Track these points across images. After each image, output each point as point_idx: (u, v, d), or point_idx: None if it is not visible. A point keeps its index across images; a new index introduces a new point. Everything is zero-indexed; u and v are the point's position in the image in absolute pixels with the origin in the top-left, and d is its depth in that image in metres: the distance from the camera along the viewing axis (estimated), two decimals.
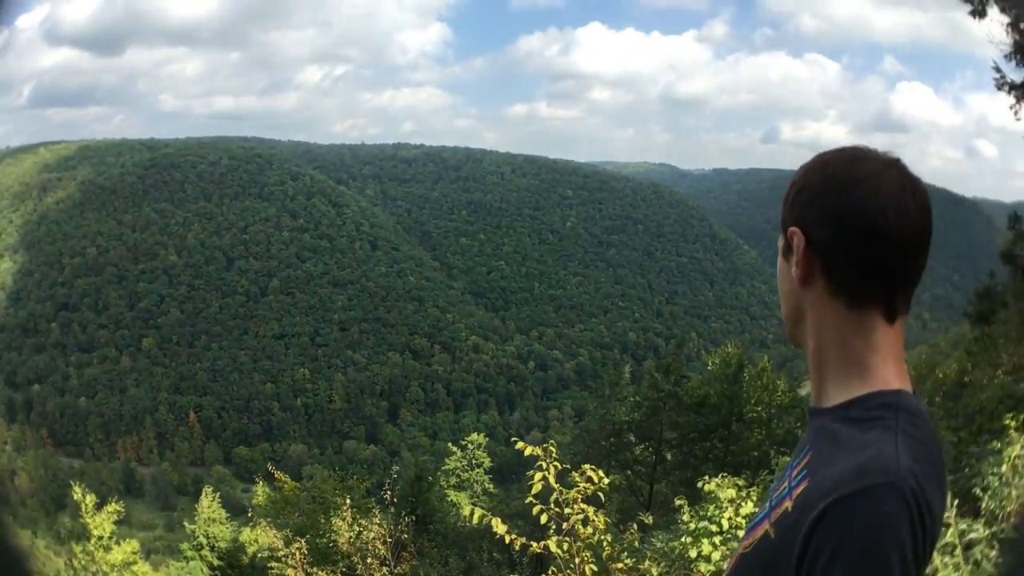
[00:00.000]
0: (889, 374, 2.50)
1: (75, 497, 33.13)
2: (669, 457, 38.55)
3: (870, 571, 2.15)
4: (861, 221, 2.44)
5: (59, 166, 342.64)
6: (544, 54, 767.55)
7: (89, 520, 32.98)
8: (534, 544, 11.15)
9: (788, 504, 2.49)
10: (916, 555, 2.21)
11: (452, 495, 50.27)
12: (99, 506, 33.84)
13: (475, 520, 11.05)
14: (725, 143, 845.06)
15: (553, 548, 11.06)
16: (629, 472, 39.45)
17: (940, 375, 28.57)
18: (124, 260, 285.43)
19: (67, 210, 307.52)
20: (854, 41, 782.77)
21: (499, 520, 10.94)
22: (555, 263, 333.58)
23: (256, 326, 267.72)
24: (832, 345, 2.58)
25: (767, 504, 2.71)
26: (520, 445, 11.23)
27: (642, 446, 39.51)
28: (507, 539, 11.02)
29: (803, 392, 37.16)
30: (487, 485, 52.74)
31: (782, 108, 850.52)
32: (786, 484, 2.62)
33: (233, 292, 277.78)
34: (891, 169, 2.60)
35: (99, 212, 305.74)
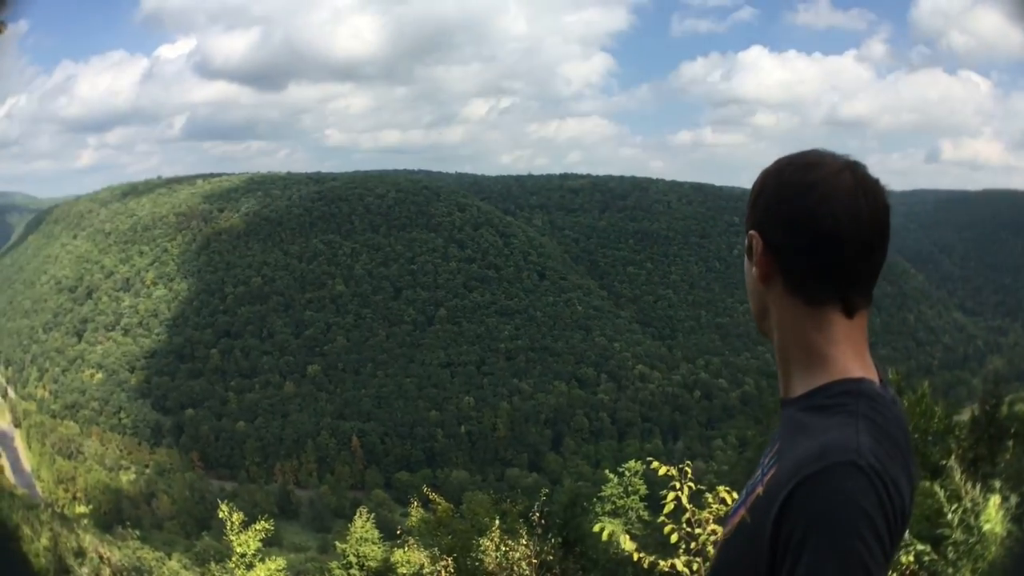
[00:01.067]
0: (850, 364, 2.57)
1: (221, 515, 33.27)
2: None
3: (840, 546, 2.21)
4: (813, 225, 2.48)
5: (221, 197, 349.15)
6: (707, 80, 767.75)
7: (234, 537, 33.25)
8: (661, 562, 11.30)
9: (760, 489, 2.59)
10: (888, 528, 2.27)
11: (605, 521, 49.99)
12: (247, 524, 34.17)
13: (605, 535, 11.17)
14: (889, 164, 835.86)
15: (680, 566, 11.13)
16: None
17: None
18: (290, 289, 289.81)
19: (231, 240, 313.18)
20: (1000, 57, 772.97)
21: (627, 536, 11.03)
22: (722, 291, 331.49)
23: (422, 354, 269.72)
24: (794, 339, 2.68)
25: (744, 493, 2.83)
26: (655, 464, 11.80)
27: None
28: (635, 556, 11.09)
29: (960, 417, 36.57)
30: (642, 512, 52.53)
31: (942, 127, 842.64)
32: (759, 472, 2.75)
33: (400, 321, 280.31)
34: (845, 173, 2.63)
35: (265, 243, 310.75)
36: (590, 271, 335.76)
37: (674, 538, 11.23)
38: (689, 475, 11.34)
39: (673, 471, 11.43)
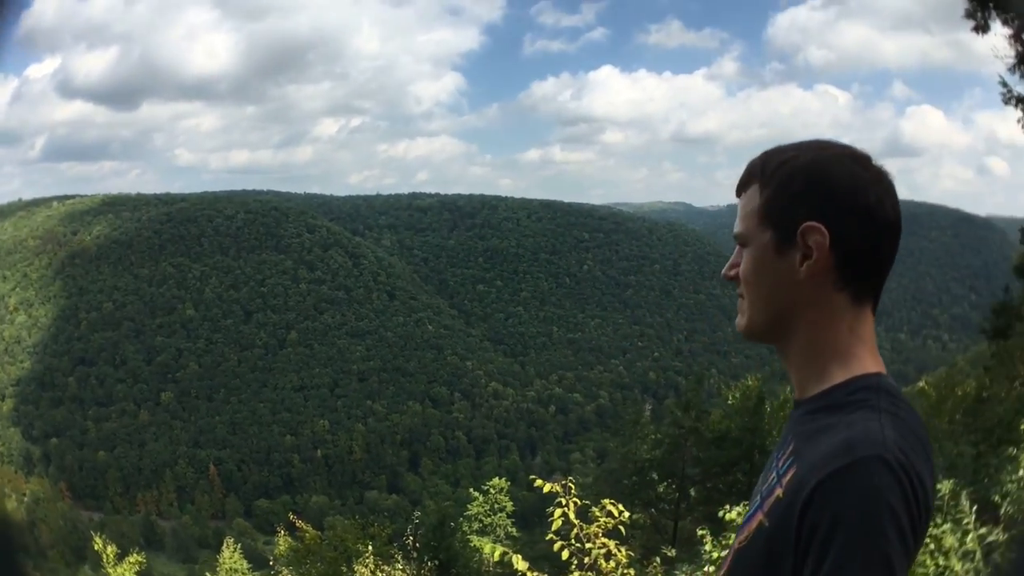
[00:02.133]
0: (868, 360, 2.50)
1: (96, 547, 32.66)
2: (693, 493, 38.18)
3: (867, 541, 2.15)
4: (883, 218, 2.46)
5: (75, 220, 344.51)
6: (557, 99, 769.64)
7: (111, 571, 32.63)
8: None
9: (779, 491, 2.46)
10: (912, 524, 2.21)
11: (475, 540, 49.87)
12: (121, 556, 33.54)
13: (496, 557, 10.74)
14: (738, 178, 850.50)
15: None
16: (653, 510, 39.13)
17: (959, 393, 28.30)
18: (141, 314, 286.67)
19: (83, 264, 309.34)
20: (862, 69, 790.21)
21: (519, 556, 10.64)
22: (573, 306, 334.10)
23: (275, 379, 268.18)
24: (828, 337, 2.53)
25: (756, 499, 2.66)
26: (539, 482, 10.94)
27: (665, 483, 39.06)
28: (529, 575, 10.74)
29: None
30: (510, 529, 52.49)
31: (794, 140, 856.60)
32: (773, 475, 2.59)
33: (252, 345, 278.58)
34: (886, 170, 2.61)
35: (116, 266, 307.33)
36: (440, 290, 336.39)
37: (565, 555, 10.54)
38: (573, 491, 10.69)
39: (557, 488, 10.75)
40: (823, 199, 2.50)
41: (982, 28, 22.61)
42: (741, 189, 2.86)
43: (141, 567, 33.38)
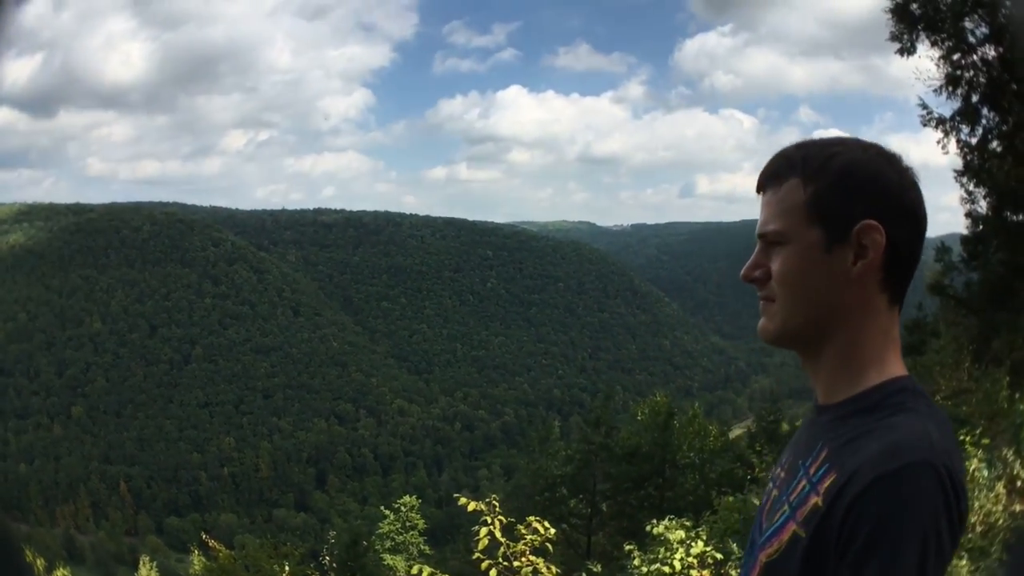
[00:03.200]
0: (898, 362, 2.50)
1: (28, 558, 32.45)
2: (605, 508, 38.56)
3: (912, 548, 2.14)
4: (923, 221, 2.46)
5: None
6: (464, 117, 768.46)
7: None
8: None
9: (816, 500, 2.39)
10: (952, 531, 2.18)
11: (388, 559, 49.88)
12: (48, 569, 33.52)
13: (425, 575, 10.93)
14: (643, 199, 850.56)
15: None
16: (565, 526, 39.39)
17: None
18: (52, 327, 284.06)
19: (0, 275, 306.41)
20: (769, 95, 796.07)
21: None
22: (477, 324, 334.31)
23: (180, 394, 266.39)
24: (867, 339, 2.51)
25: (783, 509, 2.57)
26: (463, 501, 11.58)
27: (576, 499, 39.40)
28: None
29: (733, 435, 37.44)
30: (423, 547, 52.53)
31: (698, 163, 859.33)
32: (804, 483, 2.52)
33: (157, 360, 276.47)
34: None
35: (29, 277, 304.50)
36: (344, 306, 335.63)
37: (493, 574, 10.91)
38: (497, 508, 11.18)
39: (482, 506, 11.22)
40: (878, 198, 2.44)
41: (908, 50, 23.16)
42: (771, 183, 2.80)
43: None
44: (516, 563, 11.12)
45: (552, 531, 11.46)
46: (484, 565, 10.94)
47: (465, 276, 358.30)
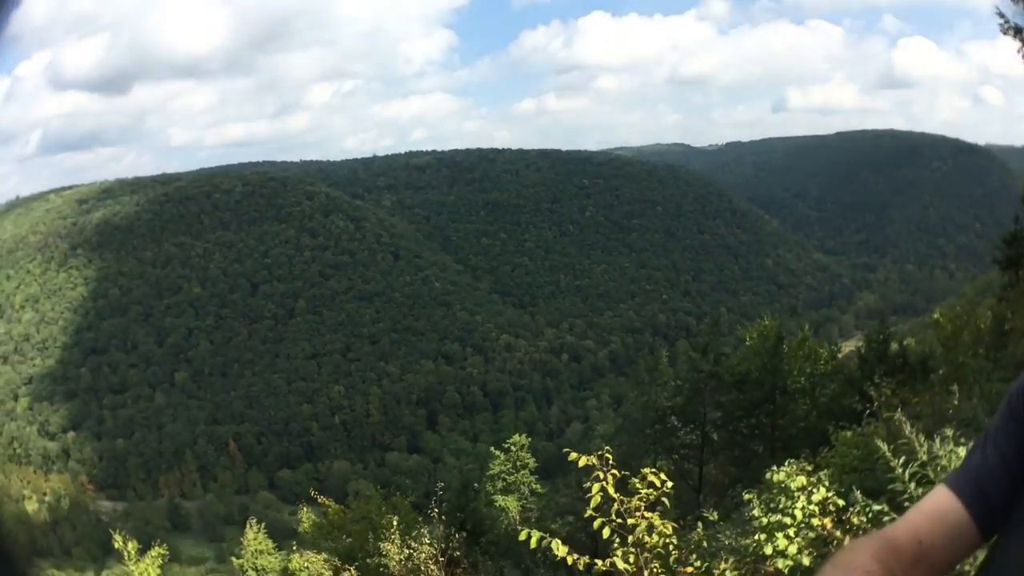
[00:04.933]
0: None
1: (116, 545, 32.52)
2: (715, 437, 37.78)
3: None
4: None
5: (72, 211, 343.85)
6: (548, 48, 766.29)
7: (133, 567, 32.53)
8: (599, 562, 10.64)
9: None
10: None
11: (500, 500, 49.56)
12: (144, 550, 33.41)
13: (533, 543, 10.44)
14: (736, 117, 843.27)
15: (620, 564, 10.56)
16: (676, 456, 38.80)
17: (980, 325, 27.86)
18: (149, 297, 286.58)
19: (86, 253, 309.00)
20: (853, 5, 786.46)
21: (559, 542, 10.34)
22: (578, 254, 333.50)
23: (287, 348, 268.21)
24: None
25: None
26: (573, 456, 10.96)
27: (686, 429, 38.65)
28: (569, 560, 10.47)
29: (841, 355, 36.52)
30: (534, 486, 52.06)
31: (788, 76, 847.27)
32: None
33: (260, 317, 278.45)
34: None
35: (118, 252, 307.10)
36: (444, 247, 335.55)
37: (606, 533, 10.56)
38: (611, 461, 10.59)
39: (594, 460, 10.63)
40: None
41: None
42: None
43: (164, 559, 33.44)
44: (631, 520, 10.67)
45: (669, 484, 10.92)
46: (597, 524, 10.56)
47: (563, 206, 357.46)
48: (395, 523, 28.50)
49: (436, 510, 29.03)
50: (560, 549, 10.31)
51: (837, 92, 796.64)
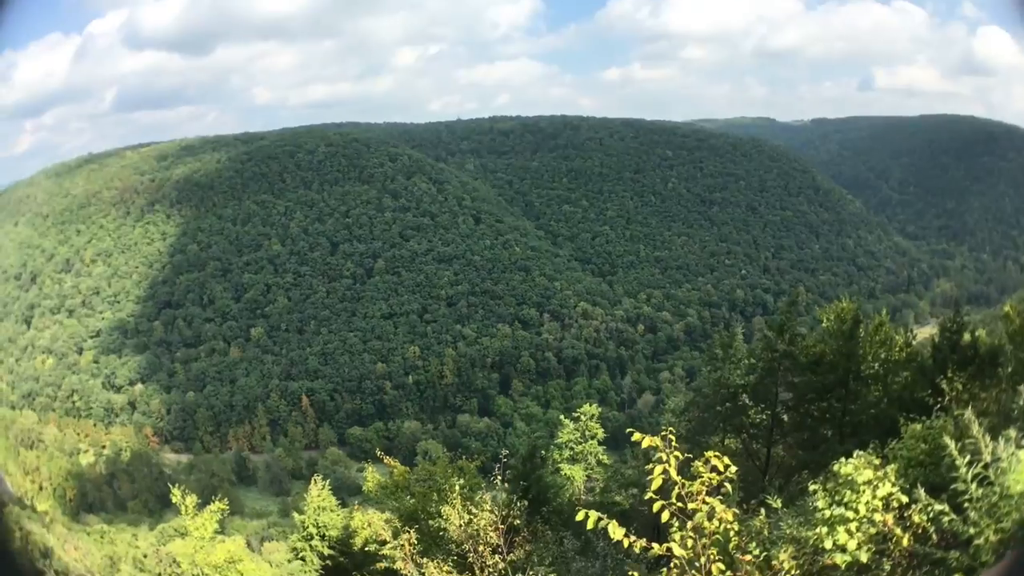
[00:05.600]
0: None
1: (174, 500, 32.76)
2: (785, 419, 37.29)
3: None
4: None
5: (151, 167, 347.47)
6: (635, 16, 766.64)
7: (189, 522, 32.77)
8: (656, 546, 10.52)
9: None
10: None
11: (566, 469, 49.55)
12: (205, 503, 33.64)
13: (590, 524, 10.35)
14: (822, 93, 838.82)
15: (677, 550, 10.44)
16: (745, 436, 38.44)
17: None
18: (227, 253, 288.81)
19: (164, 209, 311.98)
20: None
21: (615, 524, 10.22)
22: (659, 224, 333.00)
23: (364, 307, 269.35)
24: None
25: None
26: (637, 436, 10.81)
27: (757, 408, 38.18)
28: (625, 543, 10.32)
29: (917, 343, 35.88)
30: (601, 456, 51.90)
31: (874, 55, 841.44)
32: None
33: (339, 276, 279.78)
34: None
35: (198, 208, 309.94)
36: (525, 212, 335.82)
37: (665, 516, 10.43)
38: (674, 443, 10.49)
39: (657, 441, 10.51)
40: None
41: None
42: None
43: (224, 513, 33.64)
44: (691, 504, 10.46)
45: (732, 469, 10.69)
46: (656, 506, 10.41)
47: (646, 177, 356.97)
48: (458, 487, 28.61)
49: (499, 476, 29.01)
50: (616, 532, 10.21)
51: (920, 74, 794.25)
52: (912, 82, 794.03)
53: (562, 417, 58.94)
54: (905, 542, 10.41)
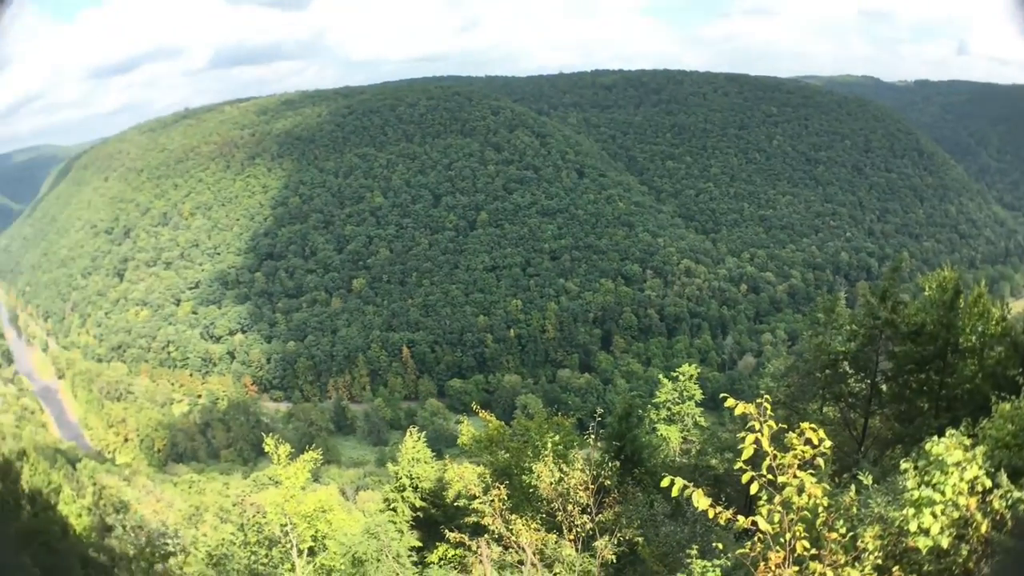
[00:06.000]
0: None
1: (266, 449, 33.43)
2: (884, 389, 37.01)
3: None
4: None
5: (251, 122, 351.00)
6: None
7: (281, 471, 33.41)
8: (740, 519, 10.53)
9: None
10: None
11: (662, 429, 49.54)
12: (300, 452, 34.32)
13: (675, 491, 10.48)
14: (922, 54, 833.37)
15: (762, 525, 10.41)
16: (843, 404, 38.28)
17: None
18: (329, 205, 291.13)
19: (265, 163, 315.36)
20: None
21: (701, 493, 10.37)
22: (764, 183, 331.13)
23: (467, 260, 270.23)
24: None
25: None
26: (730, 402, 10.85)
27: (857, 377, 37.92)
28: (710, 513, 10.47)
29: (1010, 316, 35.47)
30: (698, 418, 51.86)
31: (969, 19, 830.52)
32: None
33: (442, 228, 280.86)
34: None
35: (299, 162, 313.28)
36: (629, 167, 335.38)
37: (754, 488, 10.43)
38: (769, 411, 10.47)
39: (751, 408, 10.46)
40: None
41: None
42: None
43: (316, 463, 34.33)
44: (781, 477, 10.42)
45: (827, 443, 10.57)
46: (745, 478, 10.40)
47: (750, 133, 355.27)
48: (550, 444, 29.23)
49: (593, 437, 29.26)
50: (702, 501, 10.31)
51: (1015, 41, 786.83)
52: (1006, 50, 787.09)
53: (660, 376, 58.90)
54: (984, 528, 10.49)
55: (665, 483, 10.81)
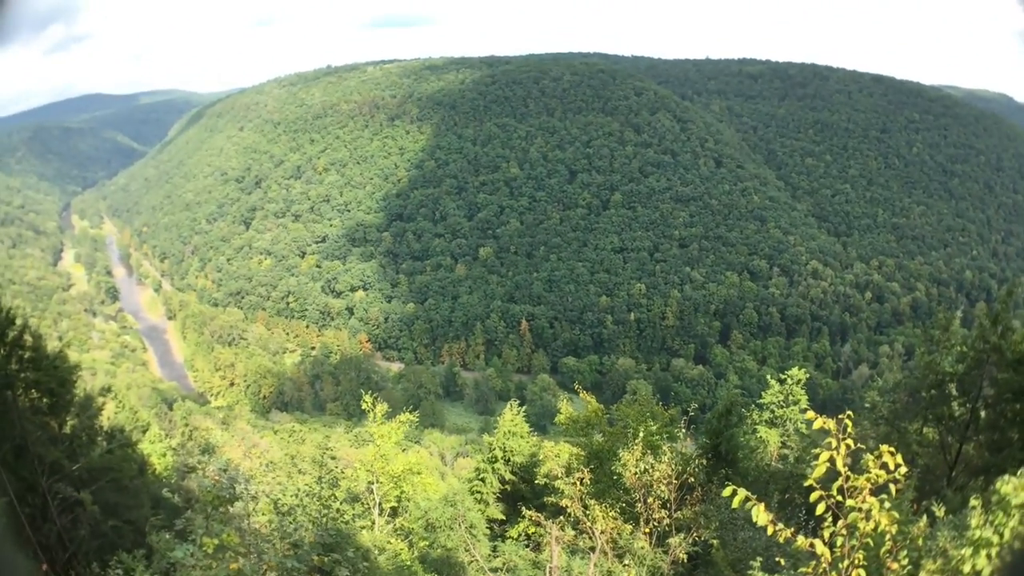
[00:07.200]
0: None
1: (363, 406, 34.09)
2: (983, 415, 36.84)
3: None
4: None
5: (392, 84, 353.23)
6: None
7: (375, 429, 34.09)
8: (800, 539, 10.38)
9: None
10: None
11: (763, 431, 49.37)
12: (395, 414, 35.00)
13: (736, 503, 10.51)
14: None
15: (819, 549, 10.27)
16: (943, 427, 38.11)
17: None
18: (464, 172, 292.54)
19: (403, 126, 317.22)
20: None
21: (762, 508, 10.42)
22: (900, 190, 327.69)
23: (596, 239, 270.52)
24: None
25: None
26: (810, 415, 10.93)
27: (959, 400, 37.76)
28: (770, 531, 10.51)
29: None
30: (800, 426, 51.67)
31: None
32: None
33: (575, 205, 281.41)
34: None
35: (438, 127, 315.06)
36: (767, 160, 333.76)
37: (820, 508, 10.21)
38: (849, 429, 10.30)
39: (831, 424, 10.40)
40: None
41: None
42: None
43: (411, 424, 35.02)
44: (850, 501, 10.22)
45: (903, 469, 10.41)
46: (814, 496, 10.25)
47: (892, 137, 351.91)
48: (642, 433, 29.37)
49: (682, 430, 29.46)
50: (762, 517, 10.35)
51: None
52: None
53: (768, 376, 58.69)
54: None
55: (727, 492, 10.80)
